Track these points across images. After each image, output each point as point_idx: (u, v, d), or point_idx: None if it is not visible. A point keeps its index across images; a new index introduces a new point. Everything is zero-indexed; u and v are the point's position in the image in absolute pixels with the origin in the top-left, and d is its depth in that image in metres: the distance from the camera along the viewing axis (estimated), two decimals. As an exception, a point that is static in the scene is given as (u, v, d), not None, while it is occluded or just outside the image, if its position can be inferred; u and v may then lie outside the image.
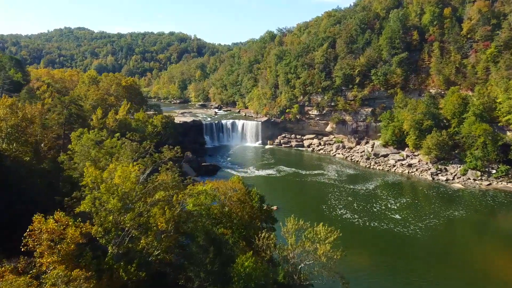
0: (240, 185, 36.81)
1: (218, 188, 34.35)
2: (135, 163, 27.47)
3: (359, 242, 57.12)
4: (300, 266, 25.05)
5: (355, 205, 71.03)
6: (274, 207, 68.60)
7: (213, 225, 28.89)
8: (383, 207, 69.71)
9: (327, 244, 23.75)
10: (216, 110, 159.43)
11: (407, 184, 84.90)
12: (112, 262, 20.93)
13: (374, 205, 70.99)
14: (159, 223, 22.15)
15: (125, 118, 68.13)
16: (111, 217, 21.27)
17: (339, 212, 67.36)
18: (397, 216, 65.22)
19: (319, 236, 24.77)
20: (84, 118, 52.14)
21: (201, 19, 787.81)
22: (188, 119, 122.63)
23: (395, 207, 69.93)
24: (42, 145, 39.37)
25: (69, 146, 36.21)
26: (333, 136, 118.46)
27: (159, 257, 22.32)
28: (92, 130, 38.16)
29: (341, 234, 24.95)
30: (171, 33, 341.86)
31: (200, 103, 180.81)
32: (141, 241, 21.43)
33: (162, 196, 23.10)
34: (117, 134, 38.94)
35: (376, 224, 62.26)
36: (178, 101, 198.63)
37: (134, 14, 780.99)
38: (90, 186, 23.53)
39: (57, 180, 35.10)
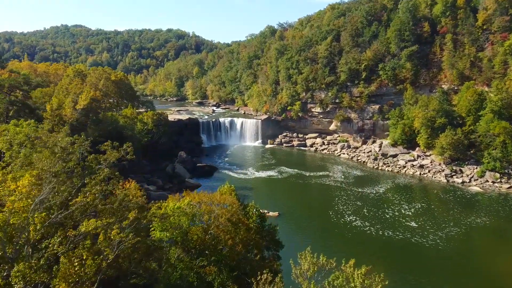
0: (232, 198, 28.56)
1: (201, 202, 26.29)
2: (33, 172, 18.91)
3: (372, 254, 50.32)
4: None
5: (365, 210, 64.22)
6: (276, 213, 62.10)
7: (192, 259, 21.33)
8: (397, 213, 62.91)
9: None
10: (214, 108, 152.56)
11: (420, 187, 78.09)
12: None
13: (386, 210, 64.18)
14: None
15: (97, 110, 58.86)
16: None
17: (348, 219, 60.56)
18: (413, 224, 58.41)
19: (353, 284, 16.63)
20: (32, 108, 44.86)
21: (200, 18, 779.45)
22: (184, 117, 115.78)
23: (410, 213, 63.12)
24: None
25: (-5, 144, 27.94)
26: (338, 135, 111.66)
27: None
28: (27, 122, 30.36)
29: (387, 283, 17.51)
30: (169, 30, 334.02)
31: (197, 101, 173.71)
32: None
33: (92, 228, 14.83)
34: (65, 127, 31.44)
35: (390, 233, 55.47)
36: (174, 99, 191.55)
37: (133, 13, 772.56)
38: None
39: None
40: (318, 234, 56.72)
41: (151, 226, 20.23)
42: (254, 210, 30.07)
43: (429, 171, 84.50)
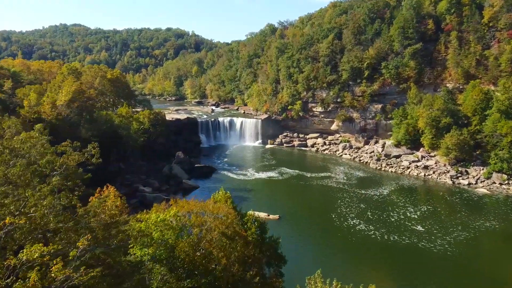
0: (227, 207, 25.03)
1: (191, 212, 22.64)
2: None
3: (377, 260, 48.10)
4: None
5: (369, 213, 61.87)
6: (276, 216, 59.85)
7: (180, 279, 18.35)
8: (402, 216, 60.56)
9: None
10: (213, 107, 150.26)
11: (425, 189, 75.74)
12: None
13: (391, 214, 61.82)
14: None
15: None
16: None
17: (351, 222, 58.20)
18: (420, 228, 56.06)
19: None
20: (7, 104, 42.27)
21: (200, 18, 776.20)
22: (182, 116, 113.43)
23: (416, 216, 60.76)
24: None
25: None
26: (339, 135, 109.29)
27: None
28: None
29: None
30: (168, 29, 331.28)
31: (196, 100, 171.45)
32: None
33: (37, 256, 10.98)
34: (39, 126, 28.02)
35: (396, 237, 53.11)
36: (173, 98, 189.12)
37: (133, 12, 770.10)
38: None
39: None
40: (321, 239, 54.39)
41: (129, 242, 17.52)
42: (253, 220, 27.12)
43: (433, 172, 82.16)
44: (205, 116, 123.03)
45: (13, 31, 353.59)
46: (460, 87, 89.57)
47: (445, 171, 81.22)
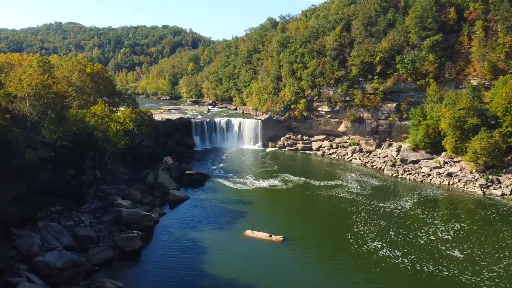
0: None
1: None
2: None
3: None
4: None
5: (392, 233, 51.32)
6: (279, 238, 49.58)
7: None
8: (433, 237, 50.00)
9: None
10: (210, 107, 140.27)
11: (452, 200, 65.19)
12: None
13: (419, 233, 51.25)
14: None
15: None
16: None
17: (372, 246, 47.62)
18: (457, 254, 45.50)
19: None
20: None
21: (198, 16, 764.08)
22: (174, 116, 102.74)
23: (449, 237, 50.21)
24: None
25: None
26: (348, 137, 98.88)
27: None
28: None
29: None
30: (165, 26, 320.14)
31: (192, 99, 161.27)
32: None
33: None
34: None
35: (430, 267, 42.50)
36: (168, 97, 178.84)
37: (131, 11, 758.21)
38: None
39: None
40: (336, 268, 43.72)
41: None
42: None
43: (459, 181, 71.73)
44: (200, 116, 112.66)
45: (5, 29, 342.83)
46: (487, 83, 79.28)
47: (473, 179, 70.81)
